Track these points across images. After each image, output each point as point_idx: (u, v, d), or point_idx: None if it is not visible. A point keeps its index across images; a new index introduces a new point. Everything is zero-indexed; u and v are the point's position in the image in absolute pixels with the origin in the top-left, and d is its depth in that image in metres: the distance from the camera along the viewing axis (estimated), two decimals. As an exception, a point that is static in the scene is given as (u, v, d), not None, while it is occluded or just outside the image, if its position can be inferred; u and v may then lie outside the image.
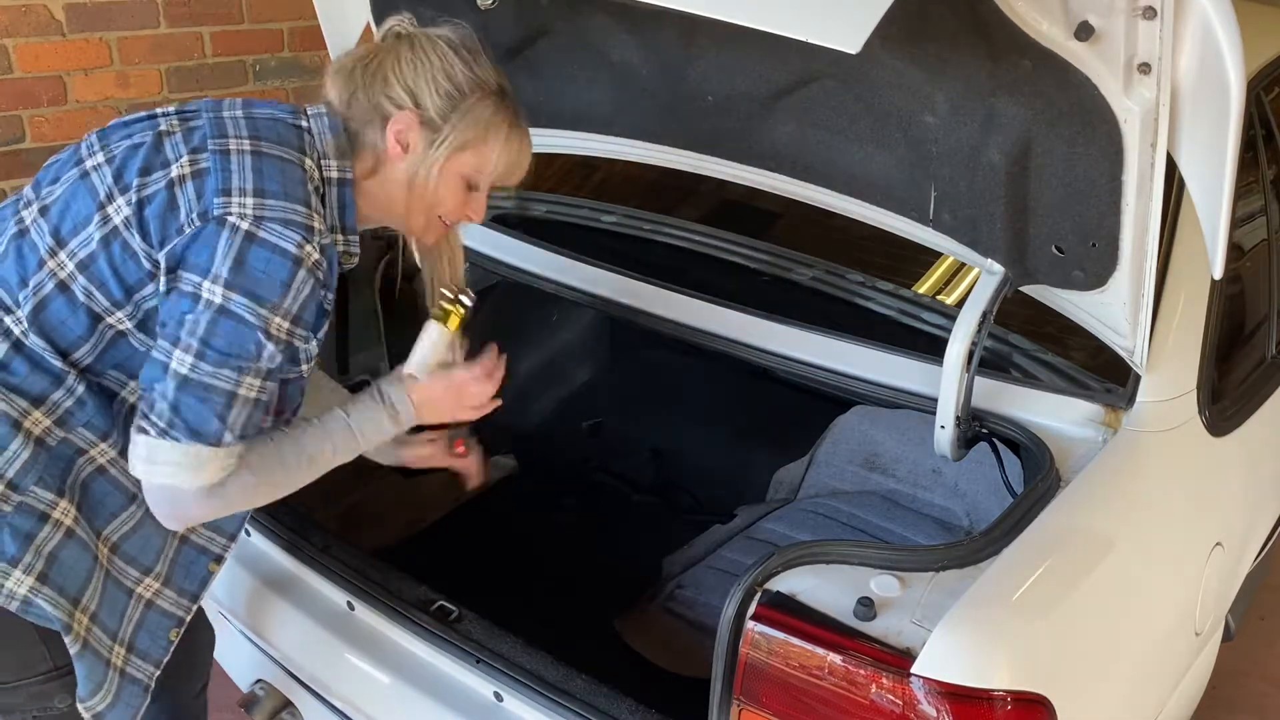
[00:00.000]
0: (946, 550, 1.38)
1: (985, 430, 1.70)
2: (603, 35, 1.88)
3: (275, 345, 1.30)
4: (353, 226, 1.43)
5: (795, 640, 1.28)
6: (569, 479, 2.46)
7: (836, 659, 1.25)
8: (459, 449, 1.77)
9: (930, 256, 2.24)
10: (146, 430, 1.29)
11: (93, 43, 3.08)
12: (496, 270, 2.25)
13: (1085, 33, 1.24)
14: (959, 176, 1.60)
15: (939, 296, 2.23)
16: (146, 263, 1.32)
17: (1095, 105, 1.31)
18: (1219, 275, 1.37)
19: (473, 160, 1.44)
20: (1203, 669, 1.88)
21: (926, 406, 1.71)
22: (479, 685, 1.60)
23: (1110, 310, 1.56)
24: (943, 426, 1.66)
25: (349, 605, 1.75)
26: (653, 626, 1.98)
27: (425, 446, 1.74)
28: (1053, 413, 1.68)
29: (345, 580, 1.74)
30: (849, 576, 1.33)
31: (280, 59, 3.52)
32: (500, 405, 1.56)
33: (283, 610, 1.81)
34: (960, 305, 1.66)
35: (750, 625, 1.31)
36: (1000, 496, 1.71)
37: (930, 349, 1.79)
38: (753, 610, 1.31)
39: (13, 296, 1.36)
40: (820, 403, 2.09)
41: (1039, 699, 1.24)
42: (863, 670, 1.24)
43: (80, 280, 1.34)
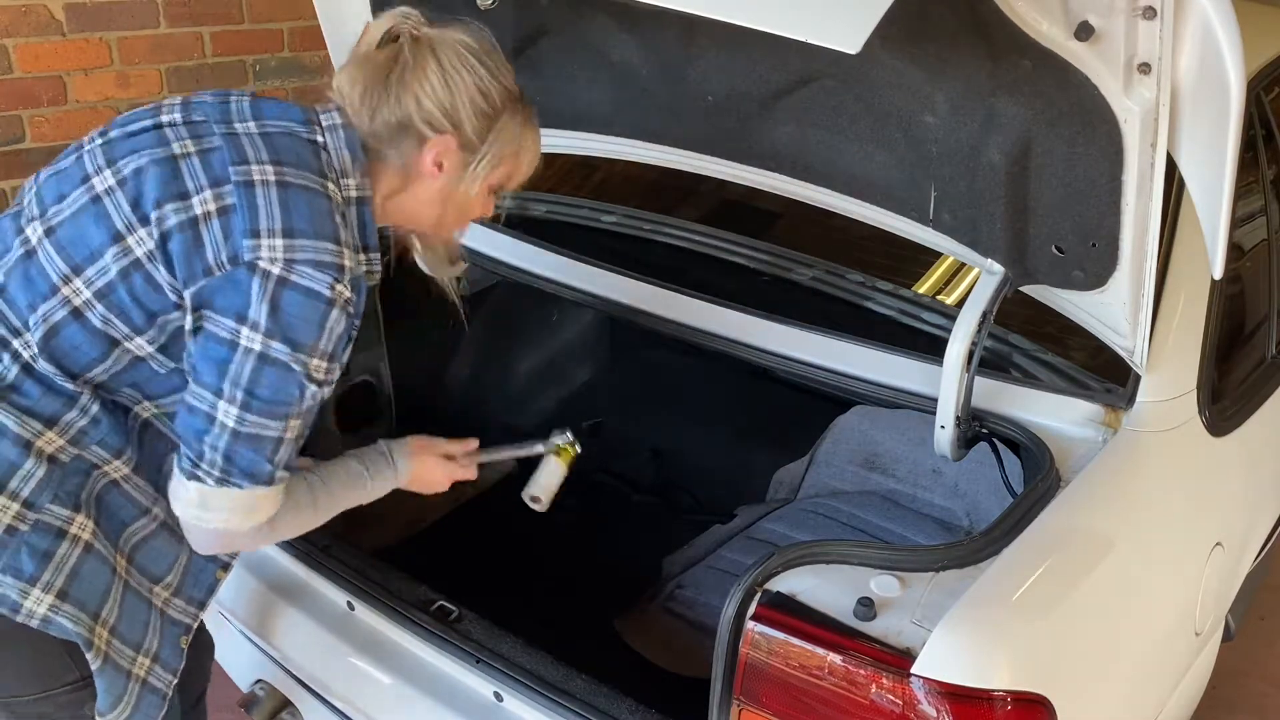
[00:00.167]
0: (946, 550, 1.38)
1: (985, 430, 1.70)
2: (603, 35, 1.88)
3: (316, 386, 1.32)
4: (374, 244, 1.41)
5: (795, 640, 1.28)
6: (569, 479, 2.45)
7: (836, 659, 1.25)
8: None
9: (930, 256, 2.24)
10: (202, 480, 1.30)
11: (93, 43, 3.08)
12: (496, 270, 2.24)
13: (1085, 33, 1.24)
14: (959, 176, 1.60)
15: (939, 296, 2.23)
16: (172, 295, 1.30)
17: (1095, 105, 1.31)
18: (1219, 275, 1.37)
19: (506, 171, 1.47)
20: (1203, 669, 1.88)
21: (926, 406, 1.71)
22: (479, 685, 1.61)
23: (1110, 310, 1.56)
24: (943, 426, 1.66)
25: (349, 605, 1.75)
26: (653, 626, 1.98)
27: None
28: (1053, 413, 1.68)
29: (345, 580, 1.74)
30: (849, 576, 1.33)
31: (280, 59, 3.51)
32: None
33: (283, 610, 1.81)
34: (960, 305, 1.66)
35: (750, 625, 1.31)
36: (1000, 496, 1.71)
37: (930, 349, 1.78)
38: (753, 610, 1.31)
39: (21, 319, 1.33)
40: (820, 403, 2.08)
41: (1039, 699, 1.24)
42: (863, 670, 1.24)
43: (99, 308, 1.31)
